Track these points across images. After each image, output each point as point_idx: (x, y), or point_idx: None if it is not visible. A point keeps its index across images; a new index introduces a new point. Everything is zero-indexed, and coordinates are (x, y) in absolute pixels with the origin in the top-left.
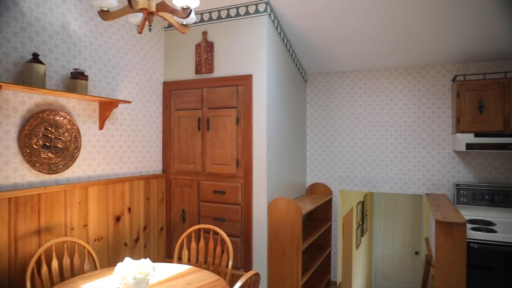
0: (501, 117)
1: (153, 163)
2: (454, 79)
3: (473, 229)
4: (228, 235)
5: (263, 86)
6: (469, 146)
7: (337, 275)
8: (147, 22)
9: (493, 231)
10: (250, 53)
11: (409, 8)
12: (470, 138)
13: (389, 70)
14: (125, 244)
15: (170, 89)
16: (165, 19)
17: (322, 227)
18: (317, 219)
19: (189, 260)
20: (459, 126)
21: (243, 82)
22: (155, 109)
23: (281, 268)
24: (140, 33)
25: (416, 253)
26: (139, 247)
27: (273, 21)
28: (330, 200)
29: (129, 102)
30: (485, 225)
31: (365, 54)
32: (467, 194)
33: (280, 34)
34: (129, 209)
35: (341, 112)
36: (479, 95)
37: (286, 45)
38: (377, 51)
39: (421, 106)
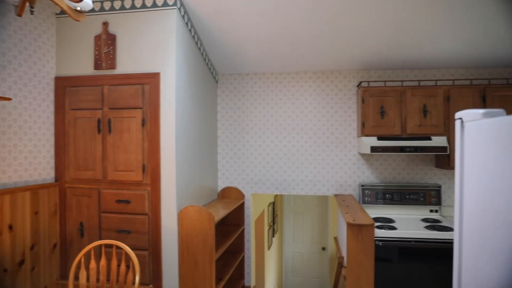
0: (399, 122)
1: (42, 171)
2: (359, 85)
3: (377, 227)
4: (134, 249)
5: (171, 86)
6: (373, 148)
7: (250, 279)
8: (28, 3)
9: (393, 228)
10: (158, 50)
11: (319, 15)
12: (373, 141)
13: (299, 74)
14: (5, 270)
15: (64, 86)
16: (53, 1)
17: (235, 233)
18: (230, 224)
19: (88, 280)
20: (364, 130)
21: (150, 81)
22: (45, 108)
23: (194, 280)
24: (19, 15)
25: (323, 249)
26: (24, 271)
27: (183, 16)
28: (243, 204)
29: (9, 99)
30: (387, 223)
31: (277, 56)
32: (371, 194)
33: (190, 30)
34: (10, 227)
35: (253, 114)
36: (381, 101)
37: (196, 42)
38: (289, 54)
39: (330, 110)
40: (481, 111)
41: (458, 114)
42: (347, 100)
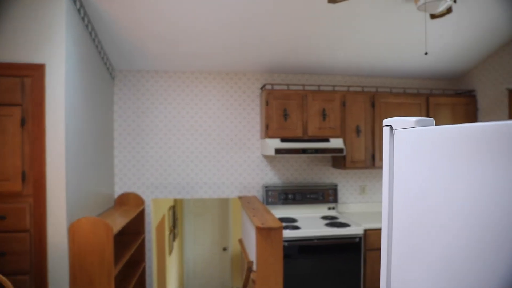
0: (301, 124)
1: None
2: (263, 87)
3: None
4: (11, 274)
5: (60, 80)
6: (277, 150)
7: None
8: None
9: (297, 227)
10: (43, 37)
11: (226, 16)
12: (277, 143)
13: (203, 74)
14: None
15: None
16: None
17: (135, 242)
18: (129, 234)
19: None
20: (268, 132)
21: (32, 73)
22: None
23: None
24: None
25: (224, 249)
26: None
27: (74, 2)
28: (143, 211)
29: None
30: (290, 222)
31: (180, 55)
32: (274, 195)
33: (83, 19)
34: None
35: (154, 115)
36: (284, 103)
37: (90, 33)
38: (193, 53)
39: (234, 111)
40: (414, 119)
41: (387, 121)
42: (251, 102)
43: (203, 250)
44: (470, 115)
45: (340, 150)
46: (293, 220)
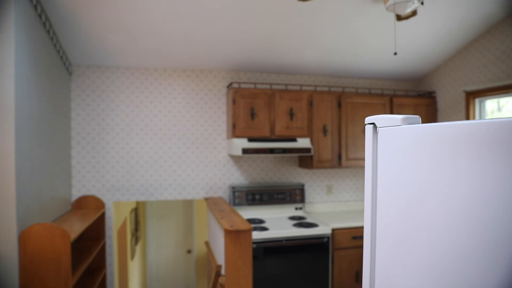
0: (268, 124)
1: None
2: (229, 86)
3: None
4: None
5: (9, 73)
6: (244, 150)
7: None
8: None
9: (265, 228)
10: None
11: (193, 12)
12: (244, 143)
13: (168, 71)
14: None
15: None
16: None
17: (95, 249)
18: (88, 239)
19: None
20: (235, 131)
21: None
22: None
23: None
24: None
25: (189, 251)
26: None
27: None
28: (103, 214)
29: None
30: (259, 224)
31: (143, 50)
32: (241, 195)
33: (36, 7)
34: None
35: (115, 113)
36: (251, 102)
37: (44, 24)
38: (157, 49)
39: (199, 110)
40: (400, 116)
41: (370, 119)
42: (217, 101)
43: (167, 253)
44: (431, 115)
45: (307, 150)
46: (261, 221)
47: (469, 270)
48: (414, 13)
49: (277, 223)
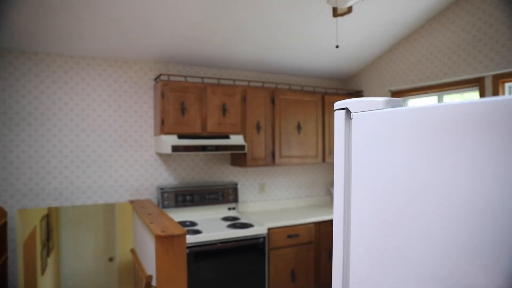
0: (200, 119)
1: None
2: (157, 78)
3: None
4: None
5: None
6: (174, 148)
7: None
8: None
9: (198, 231)
10: None
11: None
12: (174, 140)
13: (86, 59)
14: None
15: None
16: None
17: None
18: None
19: None
20: (164, 128)
21: None
22: None
23: None
24: None
25: (111, 259)
26: None
27: None
28: (5, 225)
29: None
30: (191, 226)
31: (53, 32)
32: (170, 197)
33: None
34: None
35: (20, 105)
36: (181, 96)
37: None
38: (69, 32)
39: (123, 104)
40: (382, 99)
41: (341, 104)
42: (143, 94)
43: (85, 262)
44: None
45: (241, 147)
46: (193, 224)
47: (459, 265)
48: (349, 10)
49: (210, 225)
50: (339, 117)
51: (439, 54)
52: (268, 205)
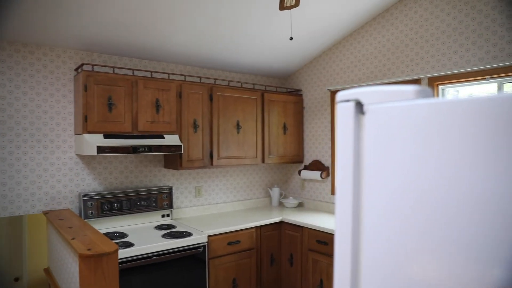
0: (130, 117)
1: None
2: (79, 68)
3: None
4: None
5: None
6: (100, 149)
7: None
8: None
9: (130, 244)
10: None
11: None
12: (100, 139)
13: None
14: None
15: None
16: None
17: None
18: None
19: None
20: (87, 126)
21: None
22: None
23: None
24: None
25: (16, 279)
26: None
27: None
28: None
29: None
30: (120, 239)
31: None
32: (95, 205)
33: None
34: None
35: None
36: (108, 90)
37: None
38: None
39: (35, 98)
40: (412, 87)
41: (346, 95)
42: (61, 87)
43: None
44: (298, 113)
45: (177, 148)
46: (123, 235)
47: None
48: (297, 2)
49: (143, 235)
50: (345, 111)
51: (379, 54)
52: (205, 210)
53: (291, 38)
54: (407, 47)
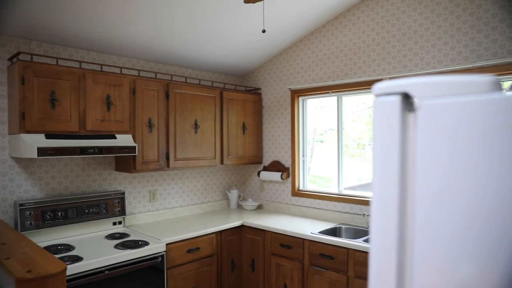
0: (77, 114)
1: None
2: (14, 58)
3: None
4: None
5: None
6: (42, 151)
7: None
8: None
9: (77, 258)
10: None
11: None
12: (41, 140)
13: None
14: None
15: None
16: None
17: None
18: None
19: None
20: (25, 124)
21: None
22: None
23: None
24: None
25: None
26: None
27: None
28: None
29: None
30: (66, 252)
31: None
32: (35, 215)
33: None
34: None
35: None
36: (51, 84)
37: None
38: None
39: None
40: (485, 78)
41: (392, 86)
42: None
43: None
44: (257, 112)
45: (131, 149)
46: (69, 248)
47: None
48: None
49: (93, 247)
50: (386, 107)
51: (341, 54)
52: (161, 215)
53: (263, 31)
54: (368, 47)
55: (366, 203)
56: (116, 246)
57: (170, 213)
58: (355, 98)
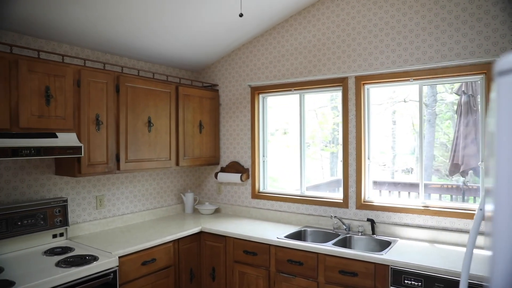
0: (7, 108)
1: None
2: None
3: None
4: None
5: None
6: None
7: None
8: None
9: (8, 283)
10: None
11: None
12: None
13: None
14: None
15: None
16: None
17: None
18: None
19: None
20: None
21: None
22: None
23: None
24: None
25: None
26: None
27: None
28: None
29: None
30: None
31: None
32: None
33: None
34: None
35: None
36: None
37: None
38: None
39: None
40: None
41: None
42: None
43: None
44: (214, 110)
45: (76, 150)
46: None
47: None
48: None
49: (28, 267)
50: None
51: (304, 50)
52: (109, 224)
53: (241, 15)
54: (333, 44)
55: (331, 204)
56: (58, 264)
57: (120, 220)
58: (319, 96)
